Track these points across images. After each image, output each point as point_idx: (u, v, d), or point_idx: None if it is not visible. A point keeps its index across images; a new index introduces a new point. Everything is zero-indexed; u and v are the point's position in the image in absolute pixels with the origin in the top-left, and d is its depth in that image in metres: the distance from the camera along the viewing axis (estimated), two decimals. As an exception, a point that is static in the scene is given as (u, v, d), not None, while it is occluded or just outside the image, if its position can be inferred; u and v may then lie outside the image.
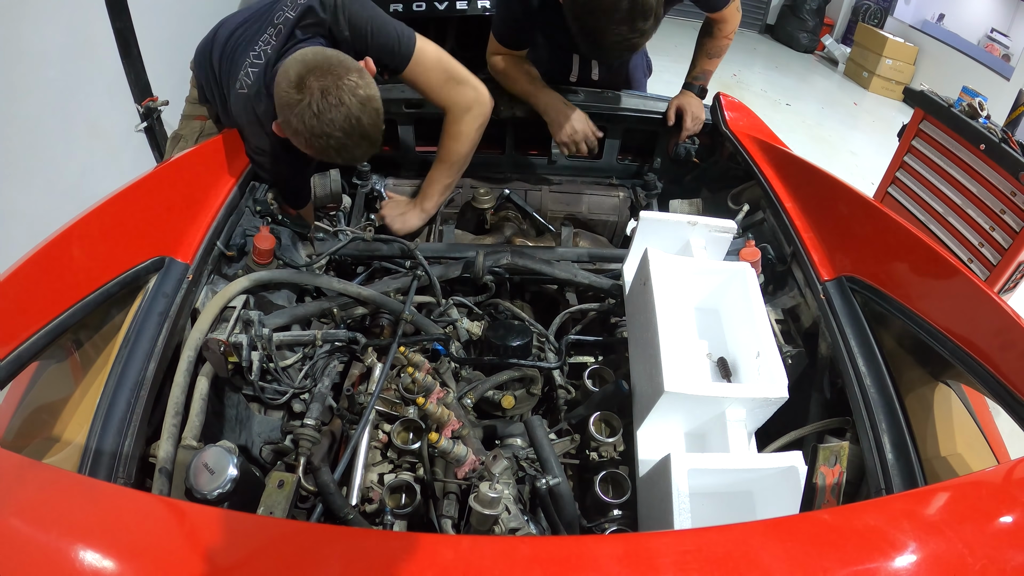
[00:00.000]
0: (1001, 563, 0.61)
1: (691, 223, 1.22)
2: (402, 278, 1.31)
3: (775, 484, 0.88)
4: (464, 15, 2.72)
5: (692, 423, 1.02)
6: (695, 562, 0.60)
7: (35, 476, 0.62)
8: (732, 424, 0.95)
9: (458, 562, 0.59)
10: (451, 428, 0.98)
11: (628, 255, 1.30)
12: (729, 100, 1.72)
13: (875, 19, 7.21)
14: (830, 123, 5.55)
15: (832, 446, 0.98)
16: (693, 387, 0.91)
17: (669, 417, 0.98)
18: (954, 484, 0.76)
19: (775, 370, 0.95)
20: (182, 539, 0.59)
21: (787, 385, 0.93)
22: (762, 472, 0.88)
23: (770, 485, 0.89)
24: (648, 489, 0.93)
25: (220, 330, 1.02)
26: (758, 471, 0.88)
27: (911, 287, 1.04)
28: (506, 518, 0.86)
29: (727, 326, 1.14)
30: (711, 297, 1.17)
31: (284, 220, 1.39)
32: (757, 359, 0.99)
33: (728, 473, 0.88)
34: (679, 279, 1.09)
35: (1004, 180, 2.48)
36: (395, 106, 1.67)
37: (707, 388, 0.93)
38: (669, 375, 0.90)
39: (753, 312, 1.04)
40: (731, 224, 1.24)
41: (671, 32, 7.64)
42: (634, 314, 1.17)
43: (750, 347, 1.02)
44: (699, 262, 1.15)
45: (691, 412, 0.98)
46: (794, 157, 1.43)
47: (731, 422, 0.95)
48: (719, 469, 0.86)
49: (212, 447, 0.85)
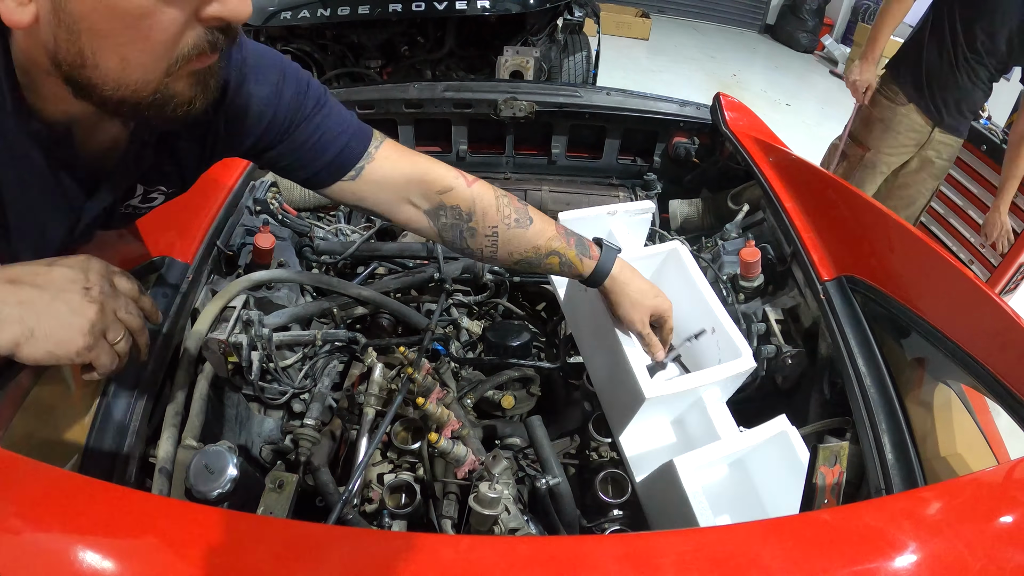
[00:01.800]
0: (1001, 563, 0.61)
1: (610, 212, 1.23)
2: (402, 278, 1.31)
3: (769, 452, 0.91)
4: (464, 15, 2.72)
5: (672, 415, 1.04)
6: (695, 562, 0.60)
7: (35, 476, 0.62)
8: (712, 405, 0.96)
9: (458, 562, 0.59)
10: (451, 428, 0.99)
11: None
12: (729, 100, 1.72)
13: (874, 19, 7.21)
14: (830, 123, 5.54)
15: (832, 446, 0.98)
16: (671, 387, 0.93)
17: (650, 418, 1.00)
18: (954, 484, 0.76)
19: (736, 341, 0.97)
20: (182, 539, 0.59)
21: (752, 351, 0.96)
22: (756, 446, 0.91)
23: (765, 454, 0.92)
24: (655, 493, 0.94)
25: (220, 330, 1.02)
26: (753, 447, 0.91)
27: (911, 287, 1.04)
28: (506, 518, 0.86)
29: (675, 310, 1.16)
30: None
31: (285, 220, 1.40)
32: (713, 335, 1.01)
33: (727, 458, 0.90)
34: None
35: (1004, 180, 2.48)
36: (395, 106, 1.67)
37: (684, 383, 0.95)
38: (645, 382, 0.91)
39: (697, 290, 1.06)
40: (649, 205, 1.26)
41: (671, 31, 7.65)
42: (577, 317, 1.17)
43: (704, 325, 1.04)
44: (629, 251, 1.15)
45: (671, 407, 1.00)
46: (794, 157, 1.43)
47: (710, 404, 0.97)
48: (719, 458, 0.88)
49: (212, 447, 0.85)
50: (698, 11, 8.33)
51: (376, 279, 1.40)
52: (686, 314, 1.06)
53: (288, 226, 1.38)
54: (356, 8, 2.75)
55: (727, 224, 1.48)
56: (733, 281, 1.33)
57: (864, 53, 2.30)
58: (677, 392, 0.93)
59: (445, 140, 1.78)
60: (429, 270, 1.32)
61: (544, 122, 1.74)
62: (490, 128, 1.76)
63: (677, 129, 1.76)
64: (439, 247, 1.31)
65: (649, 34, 7.16)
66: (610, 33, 6.61)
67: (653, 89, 2.04)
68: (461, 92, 1.69)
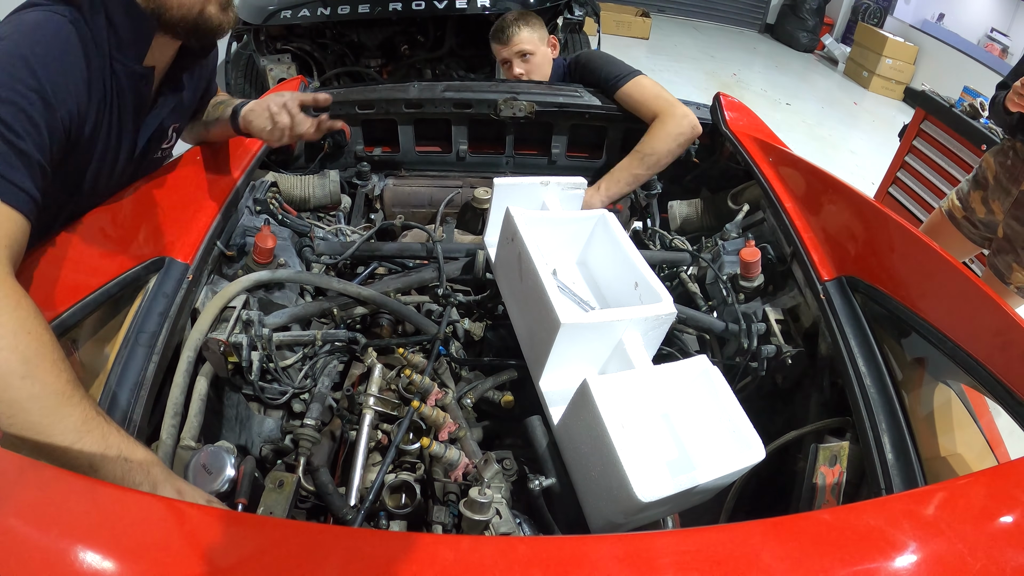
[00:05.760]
0: (1001, 563, 0.61)
1: (543, 183, 1.29)
2: (402, 278, 1.31)
3: (689, 390, 0.93)
4: (463, 14, 2.71)
5: (592, 359, 1.03)
6: (695, 562, 0.60)
7: (35, 476, 0.62)
8: (632, 348, 0.97)
9: (458, 562, 0.59)
10: (447, 430, 0.98)
11: (487, 226, 1.34)
12: (729, 100, 1.72)
13: (875, 18, 7.22)
14: (830, 123, 5.55)
15: (832, 446, 0.99)
16: (586, 316, 0.96)
17: (568, 356, 0.99)
18: (954, 484, 0.76)
19: (657, 291, 1.01)
20: (181, 539, 0.59)
21: (672, 301, 0.99)
22: (675, 383, 0.92)
23: (685, 392, 0.94)
24: (571, 428, 0.93)
25: (220, 330, 1.02)
26: (671, 384, 0.92)
27: (911, 287, 1.04)
28: (497, 522, 0.86)
29: (600, 273, 1.20)
30: (580, 251, 1.23)
31: (285, 220, 1.40)
32: (636, 290, 1.04)
33: (645, 391, 0.91)
34: (545, 232, 1.14)
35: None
36: (395, 106, 1.67)
37: (600, 315, 0.97)
38: (561, 310, 0.92)
39: (623, 252, 1.10)
40: (581, 180, 1.32)
41: (671, 31, 7.65)
42: (506, 277, 1.20)
43: (627, 283, 1.07)
44: (560, 213, 1.21)
45: (589, 345, 1.00)
46: (794, 157, 1.43)
47: (630, 346, 0.97)
48: (634, 386, 0.89)
49: (210, 447, 0.85)
50: (698, 10, 8.33)
51: (376, 279, 1.40)
52: (615, 272, 1.13)
53: (288, 226, 1.38)
54: (356, 7, 2.75)
55: (727, 224, 1.48)
56: (733, 281, 1.32)
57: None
58: (592, 323, 0.95)
59: (445, 140, 1.78)
60: (429, 270, 1.32)
61: (544, 122, 1.74)
62: (490, 128, 1.76)
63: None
64: (439, 247, 1.32)
65: (649, 33, 7.17)
66: (610, 32, 6.62)
67: (653, 89, 2.04)
68: (461, 92, 1.69)
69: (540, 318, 0.97)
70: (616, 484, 0.78)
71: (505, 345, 1.25)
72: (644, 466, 0.78)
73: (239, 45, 3.18)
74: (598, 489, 0.85)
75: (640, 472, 0.76)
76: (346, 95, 1.67)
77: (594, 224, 1.20)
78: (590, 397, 0.83)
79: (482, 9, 2.72)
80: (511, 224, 1.10)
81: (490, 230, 1.32)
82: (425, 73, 3.18)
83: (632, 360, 0.96)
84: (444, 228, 1.63)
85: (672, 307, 0.98)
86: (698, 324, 1.26)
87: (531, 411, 1.04)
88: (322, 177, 1.60)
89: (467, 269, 1.33)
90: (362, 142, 1.76)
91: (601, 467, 0.82)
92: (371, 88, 1.72)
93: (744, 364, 1.21)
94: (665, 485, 0.77)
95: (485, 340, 1.28)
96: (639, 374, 0.93)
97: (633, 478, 0.76)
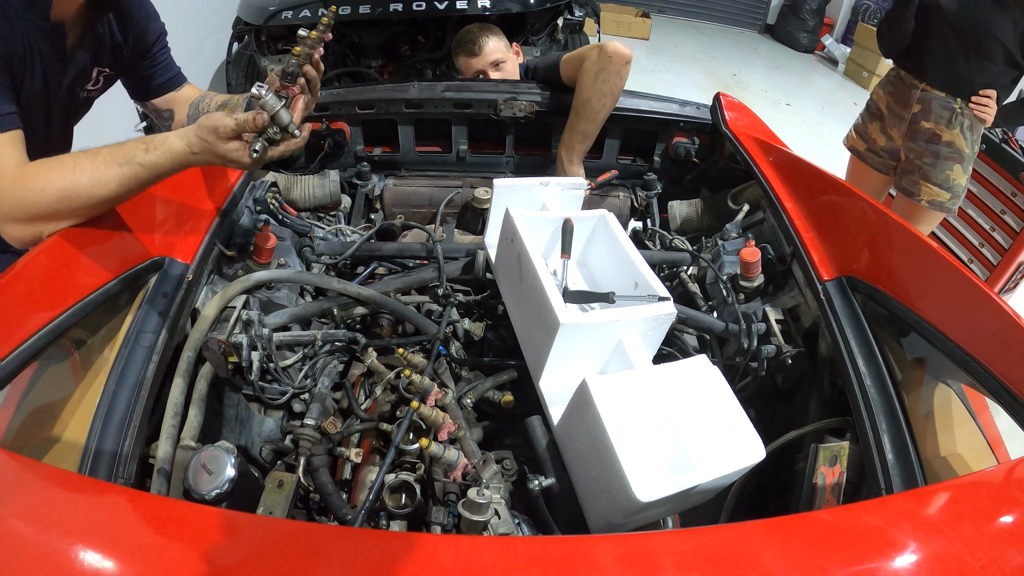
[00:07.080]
0: (1001, 563, 0.61)
1: (543, 183, 1.30)
2: (403, 278, 1.31)
3: (690, 390, 0.92)
4: (464, 15, 2.71)
5: (591, 359, 1.03)
6: (695, 562, 0.60)
7: (35, 476, 0.62)
8: (632, 348, 0.97)
9: (458, 562, 0.59)
10: (447, 431, 0.98)
11: (487, 227, 1.34)
12: (729, 100, 1.72)
13: (875, 19, 7.20)
14: (830, 123, 5.54)
15: (832, 446, 0.98)
16: (586, 316, 0.96)
17: (568, 356, 0.99)
18: (954, 484, 0.76)
19: (657, 290, 1.01)
20: (181, 540, 0.59)
21: (672, 300, 1.00)
22: (675, 382, 0.92)
23: (685, 391, 0.93)
24: (570, 429, 0.93)
25: (220, 330, 1.02)
26: (671, 383, 0.92)
27: (911, 287, 1.04)
28: (495, 522, 0.85)
29: (600, 273, 1.20)
30: (580, 251, 1.23)
31: (285, 220, 1.40)
32: (636, 290, 1.04)
33: (645, 391, 0.90)
34: (545, 233, 1.15)
35: (1004, 180, 2.49)
36: (395, 106, 1.68)
37: (600, 315, 0.97)
38: (560, 310, 0.92)
39: (623, 252, 1.10)
40: (581, 181, 1.33)
41: (671, 31, 7.65)
42: (506, 277, 1.19)
43: (627, 283, 1.07)
44: (560, 213, 1.20)
45: (589, 345, 1.00)
46: (794, 157, 1.43)
47: (630, 346, 0.97)
48: (634, 386, 0.89)
49: (210, 447, 0.85)
50: (698, 11, 8.32)
51: (376, 279, 1.40)
52: (615, 272, 1.13)
53: (288, 226, 1.38)
54: (357, 8, 2.76)
55: (727, 224, 1.48)
56: (733, 281, 1.32)
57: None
58: (592, 323, 0.95)
59: (445, 140, 1.78)
60: (429, 270, 1.32)
61: (544, 122, 1.74)
62: (490, 128, 1.76)
63: (677, 129, 1.75)
64: (439, 247, 1.32)
65: (649, 34, 7.16)
66: (610, 33, 6.61)
67: (653, 89, 2.04)
68: (461, 92, 1.69)
69: (540, 318, 0.97)
70: (616, 484, 0.78)
71: (505, 345, 1.25)
72: (644, 466, 0.78)
73: (240, 46, 3.18)
74: (598, 489, 0.85)
75: (640, 472, 0.76)
76: (346, 95, 1.67)
77: (594, 224, 1.20)
78: (590, 397, 0.82)
79: (483, 10, 2.73)
80: (511, 224, 1.10)
81: (490, 230, 1.32)
82: (426, 73, 3.17)
83: (632, 360, 0.96)
84: (444, 228, 1.63)
85: (672, 307, 0.98)
86: (698, 324, 1.26)
87: (531, 411, 1.04)
88: (322, 177, 1.60)
89: (467, 269, 1.33)
90: (362, 142, 1.76)
91: (601, 467, 0.82)
92: (371, 88, 1.72)
93: (744, 364, 1.21)
94: (665, 485, 0.77)
95: (485, 340, 1.28)
96: (639, 374, 0.92)
97: (633, 478, 0.76)
